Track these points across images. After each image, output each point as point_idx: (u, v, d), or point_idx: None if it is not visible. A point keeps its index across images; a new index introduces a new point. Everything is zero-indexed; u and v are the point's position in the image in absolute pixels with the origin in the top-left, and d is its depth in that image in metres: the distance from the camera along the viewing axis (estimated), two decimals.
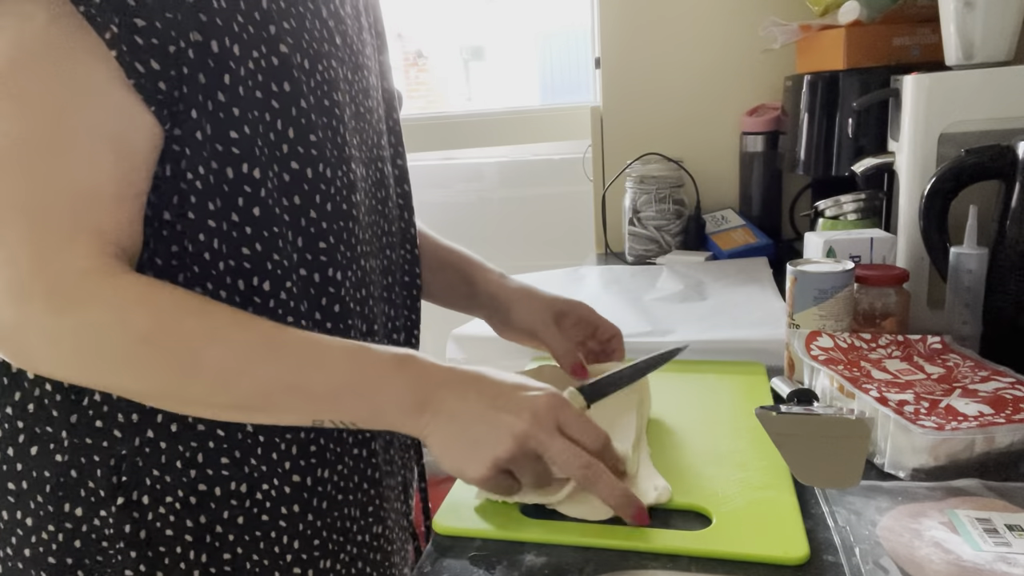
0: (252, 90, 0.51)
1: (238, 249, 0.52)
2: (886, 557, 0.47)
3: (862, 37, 1.05)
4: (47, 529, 0.53)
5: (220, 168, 0.50)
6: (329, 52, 0.57)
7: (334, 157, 0.57)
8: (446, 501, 0.60)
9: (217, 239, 0.51)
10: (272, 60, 0.51)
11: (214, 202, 0.50)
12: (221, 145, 0.50)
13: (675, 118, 1.45)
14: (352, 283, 0.59)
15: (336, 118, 0.57)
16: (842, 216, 1.04)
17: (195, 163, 0.49)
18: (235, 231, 0.52)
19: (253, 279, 0.53)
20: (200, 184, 0.50)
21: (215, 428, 0.54)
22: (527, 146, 1.82)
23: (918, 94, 0.83)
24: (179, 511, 0.53)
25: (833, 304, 0.73)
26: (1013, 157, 0.72)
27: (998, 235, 0.74)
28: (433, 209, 1.86)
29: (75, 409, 0.52)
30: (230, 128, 0.50)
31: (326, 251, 0.57)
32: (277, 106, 0.52)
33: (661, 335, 0.93)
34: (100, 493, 0.52)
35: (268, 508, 0.56)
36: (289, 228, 0.54)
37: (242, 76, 0.50)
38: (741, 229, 1.36)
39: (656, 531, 0.54)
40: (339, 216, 0.57)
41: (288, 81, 0.53)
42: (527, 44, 2.06)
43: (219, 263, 0.51)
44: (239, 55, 0.50)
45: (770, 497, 0.57)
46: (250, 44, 0.50)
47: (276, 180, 0.53)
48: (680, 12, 1.41)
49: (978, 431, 0.55)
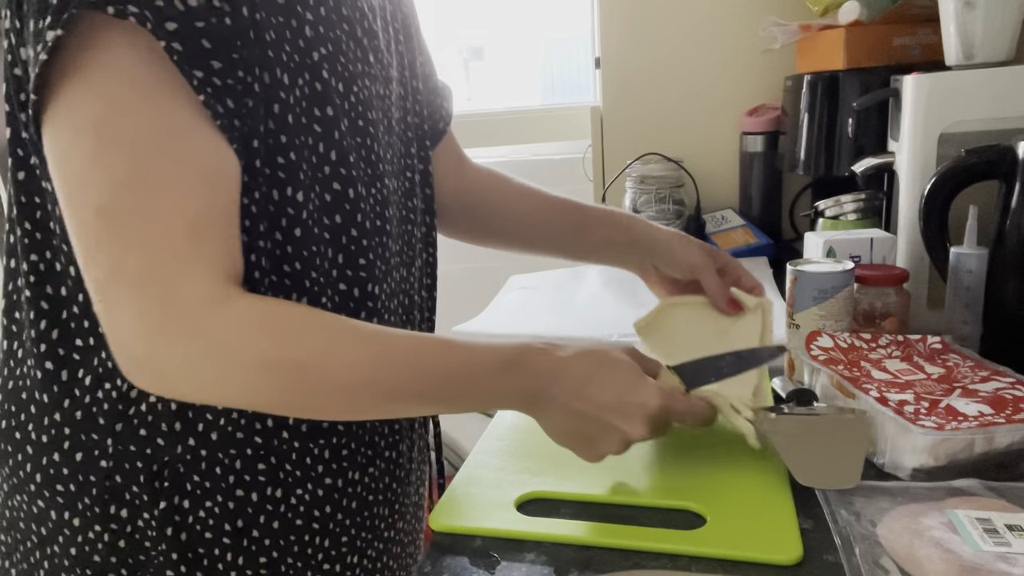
0: (299, 117, 0.52)
1: (279, 267, 0.54)
2: (886, 557, 0.47)
3: (862, 37, 1.05)
4: (94, 530, 0.54)
5: (268, 191, 0.52)
6: (363, 72, 0.58)
7: (367, 176, 0.59)
8: (442, 499, 0.60)
9: (264, 258, 0.53)
10: (316, 86, 0.53)
11: (262, 224, 0.52)
12: (270, 170, 0.52)
13: (675, 118, 1.45)
14: (387, 295, 0.62)
15: (371, 136, 0.59)
16: (842, 216, 1.04)
17: (251, 189, 0.51)
18: (278, 250, 0.53)
19: (292, 295, 0.55)
20: (255, 208, 0.52)
21: (253, 436, 0.56)
22: (527, 146, 1.81)
23: (918, 94, 0.83)
24: (218, 515, 0.55)
25: (833, 304, 0.73)
26: (1013, 157, 0.72)
27: (998, 235, 0.74)
28: None
29: (121, 418, 0.53)
30: (278, 154, 0.52)
31: (365, 267, 0.59)
32: (320, 131, 0.54)
33: None
34: (144, 497, 0.54)
35: (302, 512, 0.58)
36: (330, 246, 0.56)
37: (290, 104, 0.52)
38: (741, 229, 1.36)
39: (649, 530, 0.54)
40: (375, 232, 0.60)
41: (330, 106, 0.54)
42: (527, 44, 2.06)
43: (265, 280, 0.53)
44: (288, 84, 0.51)
45: (765, 497, 0.57)
46: (296, 72, 0.52)
47: (318, 201, 0.55)
48: (680, 12, 1.41)
49: (978, 431, 0.55)
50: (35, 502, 0.55)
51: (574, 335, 0.94)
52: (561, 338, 0.61)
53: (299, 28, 0.52)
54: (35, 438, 0.55)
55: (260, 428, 0.55)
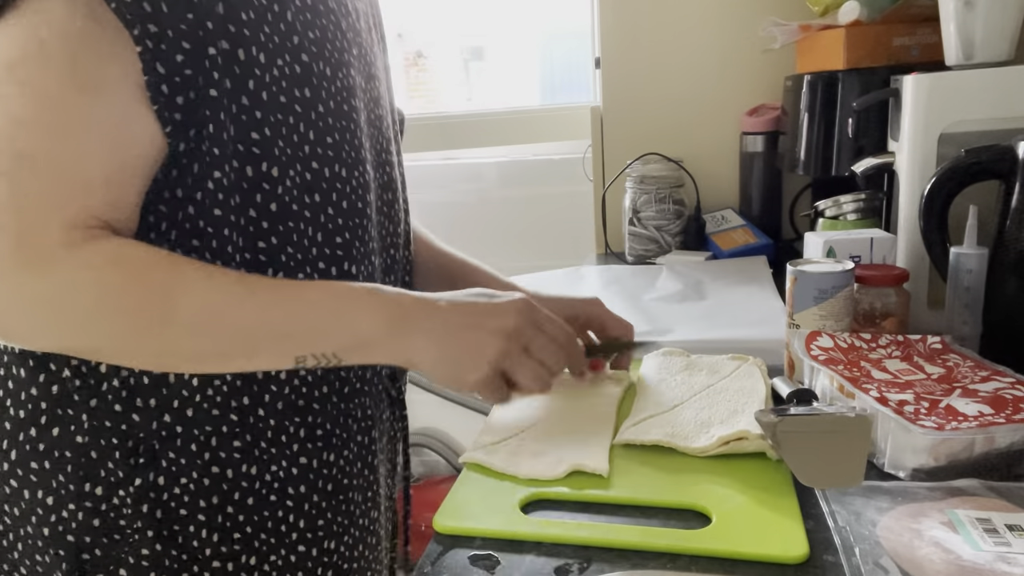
0: (276, 95, 0.54)
1: (255, 243, 0.55)
2: (886, 557, 0.47)
3: (862, 37, 1.05)
4: (68, 508, 0.55)
5: (241, 167, 0.54)
6: (348, 62, 0.61)
7: (351, 158, 0.61)
8: (446, 500, 0.60)
9: (236, 232, 0.54)
10: (295, 68, 0.55)
11: (234, 199, 0.54)
12: (243, 145, 0.53)
13: (675, 118, 1.45)
14: (364, 278, 0.63)
15: (353, 122, 0.61)
16: (842, 216, 1.04)
17: (220, 162, 0.52)
18: (252, 226, 0.55)
19: (268, 271, 0.56)
20: (226, 181, 0.53)
21: (229, 414, 0.56)
22: (527, 146, 1.81)
23: (918, 94, 0.83)
24: (193, 492, 0.56)
25: (833, 304, 0.73)
26: (1013, 157, 0.72)
27: (998, 235, 0.74)
28: (433, 209, 1.85)
29: (95, 393, 0.54)
30: (252, 129, 0.53)
31: (343, 246, 0.60)
32: (299, 110, 0.56)
33: (660, 334, 0.93)
34: (119, 474, 0.54)
35: (276, 489, 0.59)
36: (309, 224, 0.58)
37: (267, 82, 0.54)
38: (741, 229, 1.36)
39: (656, 530, 0.54)
40: (355, 214, 0.61)
41: (309, 87, 0.57)
42: (527, 44, 2.06)
43: (236, 255, 0.55)
44: (264, 63, 0.53)
45: (770, 497, 0.57)
46: (275, 53, 0.54)
47: (298, 179, 0.57)
48: (680, 12, 1.41)
49: (978, 431, 0.55)
50: (8, 481, 0.55)
51: None
52: None
53: (281, 12, 0.54)
54: (13, 413, 0.55)
55: (235, 406, 0.56)
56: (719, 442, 0.62)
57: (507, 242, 1.83)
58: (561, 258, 1.50)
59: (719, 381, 0.75)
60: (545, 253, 1.78)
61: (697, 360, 0.81)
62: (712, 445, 0.63)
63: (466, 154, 1.87)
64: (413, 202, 0.76)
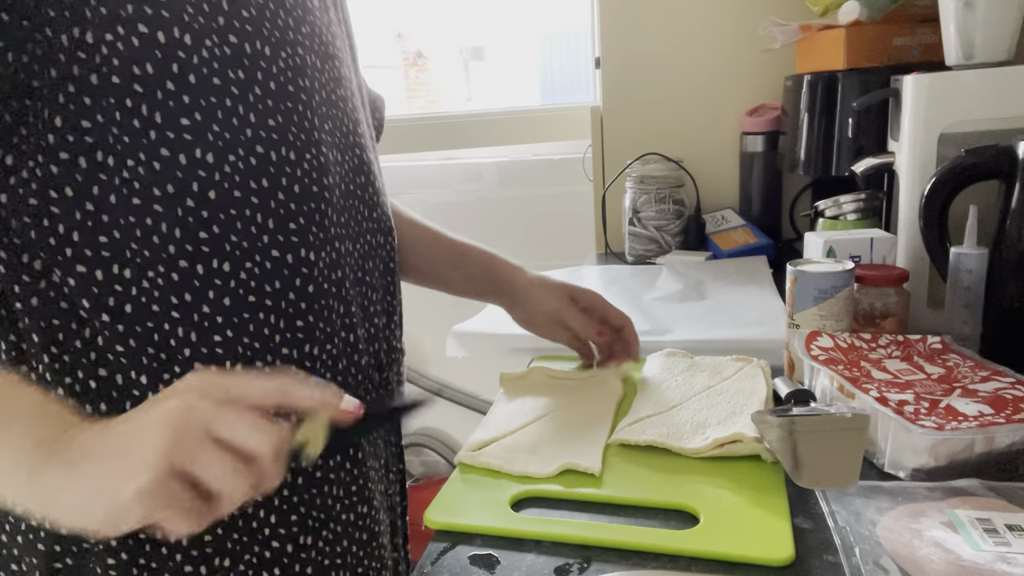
0: (207, 77, 0.52)
1: (195, 233, 0.53)
2: (886, 557, 0.47)
3: (862, 37, 1.05)
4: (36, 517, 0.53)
5: (173, 155, 0.51)
6: (295, 40, 0.58)
7: (300, 141, 0.58)
8: (438, 496, 0.60)
9: (167, 223, 0.52)
10: (224, 49, 0.53)
11: (164, 188, 0.51)
12: (172, 132, 0.51)
13: (675, 118, 1.45)
14: (326, 264, 0.60)
15: (302, 103, 0.58)
16: (842, 216, 1.04)
17: (136, 150, 0.50)
18: (191, 216, 0.52)
19: (212, 261, 0.54)
20: (143, 171, 0.50)
21: None
22: (527, 146, 1.81)
23: (918, 94, 0.83)
24: None
25: (833, 304, 0.73)
26: (1013, 157, 0.72)
27: (998, 235, 0.74)
28: (433, 209, 1.85)
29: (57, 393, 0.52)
30: (179, 115, 0.51)
31: (297, 232, 0.58)
32: (236, 92, 0.53)
33: (660, 334, 0.93)
34: None
35: None
36: (257, 210, 0.55)
37: (195, 64, 0.51)
38: (741, 229, 1.36)
39: (643, 529, 0.54)
40: (309, 198, 0.59)
41: (242, 69, 0.54)
42: (527, 44, 2.06)
43: (169, 246, 0.52)
44: (190, 44, 0.51)
45: (761, 498, 0.57)
46: (201, 34, 0.51)
47: (240, 163, 0.54)
48: (680, 12, 1.41)
49: (978, 431, 0.55)
50: None
51: None
52: None
53: None
54: None
55: None
56: (713, 444, 0.62)
57: (507, 242, 1.82)
58: (561, 258, 1.50)
59: (720, 382, 0.75)
60: (545, 253, 1.78)
61: (700, 361, 0.81)
62: (706, 447, 0.63)
63: (466, 154, 1.87)
64: (413, 202, 0.75)
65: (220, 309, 0.54)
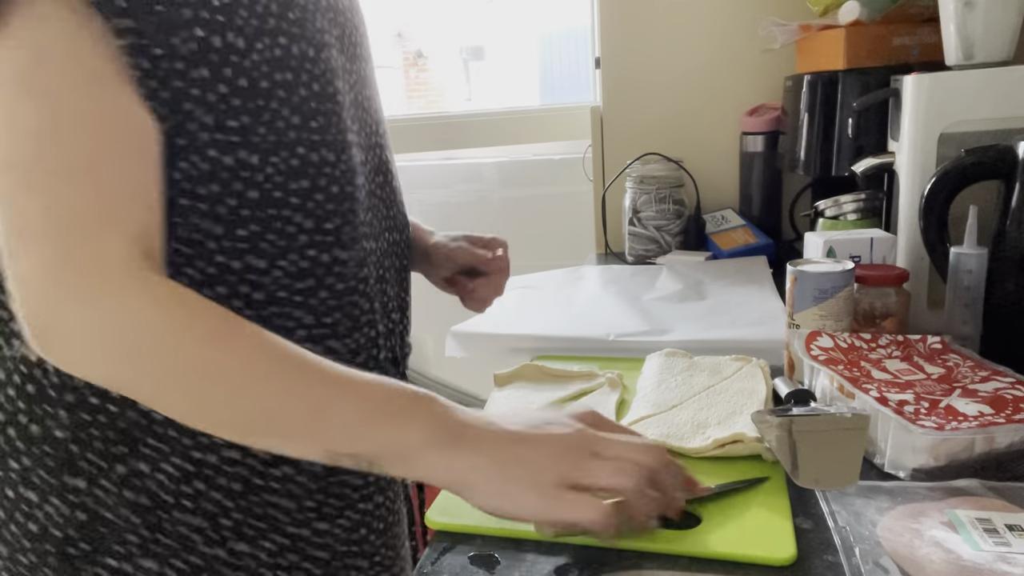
0: (256, 81, 0.53)
1: (233, 231, 0.54)
2: (886, 557, 0.47)
3: (862, 37, 1.05)
4: (51, 503, 0.54)
5: (218, 156, 0.52)
6: (330, 42, 0.59)
7: (337, 143, 0.59)
8: (439, 497, 0.60)
9: (211, 220, 0.53)
10: (275, 52, 0.54)
11: (209, 188, 0.52)
12: (221, 134, 0.52)
13: (675, 118, 1.45)
14: (355, 262, 0.62)
15: (338, 104, 0.60)
16: (842, 216, 1.04)
17: (189, 152, 0.51)
18: (232, 214, 0.53)
19: (248, 257, 0.55)
20: (195, 172, 0.52)
21: None
22: (527, 146, 1.81)
23: (918, 94, 0.83)
24: (177, 478, 0.55)
25: (833, 304, 0.73)
26: (1013, 157, 0.72)
27: (998, 235, 0.74)
28: (433, 209, 1.85)
29: (67, 389, 0.53)
30: (229, 118, 0.52)
31: (332, 231, 0.59)
32: (283, 95, 0.55)
33: (659, 335, 0.93)
34: (101, 464, 0.54)
35: (261, 472, 0.58)
36: (297, 210, 0.57)
37: (246, 68, 0.52)
38: (741, 229, 1.36)
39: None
40: (344, 198, 0.60)
41: (291, 71, 0.55)
42: (527, 44, 2.06)
43: (210, 243, 0.53)
44: (243, 48, 0.52)
45: (762, 498, 0.57)
46: (253, 38, 0.52)
47: (283, 165, 0.55)
48: (680, 12, 1.41)
49: (978, 431, 0.55)
50: None
51: (573, 335, 0.95)
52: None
53: None
54: None
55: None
56: (714, 444, 0.62)
57: (507, 242, 1.83)
58: (561, 258, 1.50)
59: (720, 382, 0.75)
60: (545, 253, 1.78)
61: (699, 361, 0.81)
62: (707, 447, 0.63)
63: (466, 154, 1.87)
64: (413, 202, 0.76)
65: (248, 303, 0.55)
